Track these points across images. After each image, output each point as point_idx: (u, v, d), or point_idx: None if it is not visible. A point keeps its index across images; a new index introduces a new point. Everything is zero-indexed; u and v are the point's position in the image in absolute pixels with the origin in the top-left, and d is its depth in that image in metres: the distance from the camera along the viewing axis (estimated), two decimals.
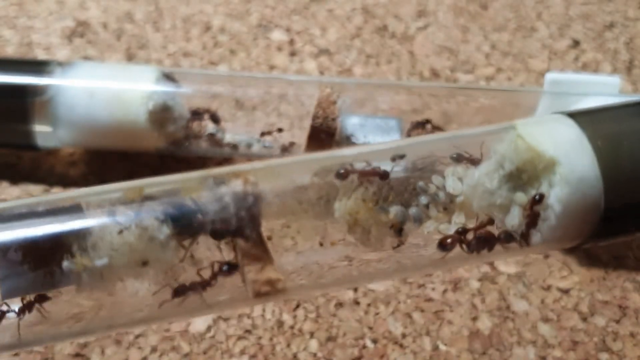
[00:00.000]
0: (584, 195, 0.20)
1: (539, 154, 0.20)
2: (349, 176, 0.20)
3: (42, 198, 0.20)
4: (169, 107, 0.31)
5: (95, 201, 0.19)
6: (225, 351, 0.28)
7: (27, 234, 0.18)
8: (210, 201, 0.19)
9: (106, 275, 0.18)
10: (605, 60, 0.42)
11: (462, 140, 0.22)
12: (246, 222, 0.19)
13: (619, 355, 0.29)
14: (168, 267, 0.19)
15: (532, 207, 0.20)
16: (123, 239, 0.18)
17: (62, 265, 0.18)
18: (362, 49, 0.42)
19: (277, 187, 0.20)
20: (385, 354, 0.28)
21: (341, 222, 0.20)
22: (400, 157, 0.20)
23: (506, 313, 0.30)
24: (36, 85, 0.31)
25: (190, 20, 0.42)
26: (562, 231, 0.20)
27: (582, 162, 0.20)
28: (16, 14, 0.42)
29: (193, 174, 0.20)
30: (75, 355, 0.27)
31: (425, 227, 0.20)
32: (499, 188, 0.20)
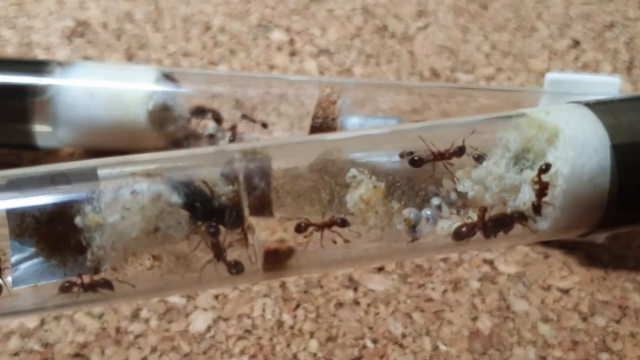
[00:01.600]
0: (590, 159, 0.20)
1: (542, 124, 0.20)
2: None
3: (56, 165, 0.20)
4: (168, 107, 0.31)
5: (109, 170, 0.19)
6: (225, 351, 0.28)
7: (43, 199, 0.18)
8: (219, 165, 0.19)
9: (119, 240, 0.18)
10: (605, 60, 0.42)
11: (467, 128, 0.22)
12: (255, 173, 0.19)
13: (619, 355, 0.29)
14: (179, 239, 0.19)
15: (539, 177, 0.20)
16: (135, 199, 0.18)
17: (75, 221, 0.18)
18: (362, 49, 0.42)
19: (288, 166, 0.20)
20: (385, 354, 0.28)
21: (354, 211, 0.20)
22: (408, 154, 0.20)
23: (506, 313, 0.30)
24: (36, 85, 0.31)
25: (190, 20, 0.42)
26: (573, 200, 0.20)
27: (585, 128, 0.20)
28: (16, 14, 0.42)
29: (206, 149, 0.21)
30: (75, 355, 0.27)
31: (439, 225, 0.20)
32: (507, 171, 0.20)
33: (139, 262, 0.19)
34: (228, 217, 0.19)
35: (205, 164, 0.20)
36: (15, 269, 0.18)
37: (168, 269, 0.19)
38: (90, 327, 0.28)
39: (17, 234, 0.18)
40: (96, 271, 0.19)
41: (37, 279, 0.18)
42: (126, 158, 0.20)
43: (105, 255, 0.18)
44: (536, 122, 0.21)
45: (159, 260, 0.19)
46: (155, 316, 0.29)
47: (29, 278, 0.18)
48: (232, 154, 0.20)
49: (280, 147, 0.21)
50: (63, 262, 0.18)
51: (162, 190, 0.19)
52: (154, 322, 0.28)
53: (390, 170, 0.20)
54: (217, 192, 0.19)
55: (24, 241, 0.18)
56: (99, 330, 0.28)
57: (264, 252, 0.19)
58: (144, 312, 0.29)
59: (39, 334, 0.28)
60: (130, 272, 0.19)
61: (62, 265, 0.18)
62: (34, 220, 0.18)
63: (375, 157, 0.21)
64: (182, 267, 0.19)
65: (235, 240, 0.19)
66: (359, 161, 0.20)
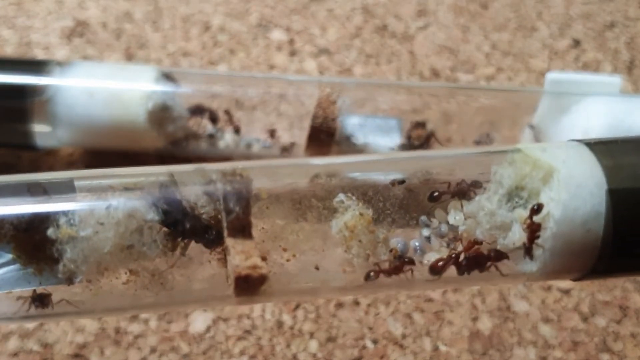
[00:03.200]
0: (585, 202, 0.19)
1: (537, 162, 0.20)
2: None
3: (34, 175, 0.20)
4: (168, 107, 0.31)
5: (88, 182, 0.19)
6: (225, 352, 0.28)
7: (19, 208, 0.18)
8: (199, 184, 0.19)
9: (91, 254, 0.18)
10: (605, 60, 0.42)
11: (462, 160, 0.21)
12: (233, 197, 0.19)
13: (619, 355, 0.28)
14: (153, 257, 0.19)
15: (531, 218, 0.19)
16: (110, 214, 0.18)
17: (47, 233, 0.18)
18: (362, 49, 0.42)
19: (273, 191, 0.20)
20: (385, 354, 0.28)
21: (338, 237, 0.19)
22: (400, 182, 0.20)
23: (506, 313, 0.30)
24: (35, 85, 0.31)
25: (189, 20, 0.42)
26: (564, 244, 0.20)
27: (582, 169, 0.20)
28: (15, 13, 0.42)
29: (185, 166, 0.20)
30: (75, 356, 0.27)
31: (427, 257, 0.20)
32: (499, 208, 0.20)
33: (115, 276, 0.19)
34: (207, 236, 0.19)
35: (186, 182, 0.19)
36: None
37: (143, 285, 0.19)
38: (89, 328, 0.28)
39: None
40: (70, 282, 0.18)
41: (12, 286, 0.18)
42: (106, 171, 0.20)
43: (77, 269, 0.18)
44: (531, 160, 0.20)
45: (135, 274, 0.19)
46: (155, 316, 0.29)
47: (4, 285, 0.18)
48: (211, 174, 0.19)
49: (262, 169, 0.21)
50: (39, 270, 0.18)
51: (139, 207, 0.18)
52: (153, 323, 0.28)
53: (381, 197, 0.20)
54: (198, 210, 0.19)
55: (2, 247, 0.18)
56: (99, 330, 0.28)
57: (234, 278, 0.18)
58: (138, 314, 0.29)
59: (38, 335, 0.28)
60: (105, 286, 0.19)
61: (38, 274, 0.18)
62: (12, 227, 0.18)
63: (365, 182, 0.20)
64: (157, 285, 0.19)
65: (214, 259, 0.19)
66: (349, 186, 0.20)
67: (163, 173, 0.20)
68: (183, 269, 0.19)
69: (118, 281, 0.19)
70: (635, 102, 0.31)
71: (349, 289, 0.21)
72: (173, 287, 0.19)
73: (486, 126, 0.33)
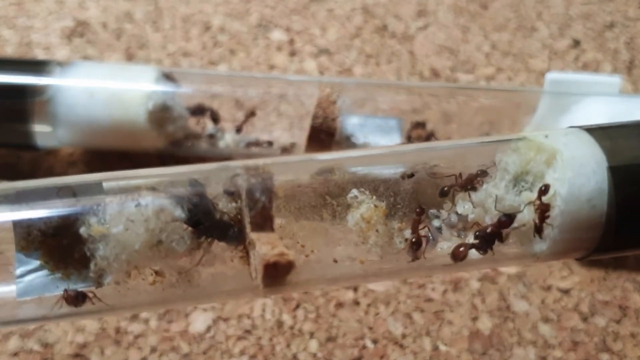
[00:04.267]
0: (588, 180, 0.20)
1: (540, 147, 0.21)
2: (451, 191, 0.21)
3: (62, 178, 0.20)
4: (168, 107, 0.31)
5: (114, 183, 0.20)
6: (225, 351, 0.28)
7: (49, 212, 0.19)
8: (221, 183, 0.20)
9: (122, 251, 0.18)
10: (605, 60, 0.42)
11: (467, 150, 0.22)
12: (258, 189, 0.19)
13: (619, 355, 0.28)
14: (181, 253, 0.19)
15: (540, 199, 0.20)
16: (140, 212, 0.18)
17: (79, 231, 0.18)
18: (362, 49, 0.42)
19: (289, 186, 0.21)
20: (385, 354, 0.28)
21: (355, 230, 0.20)
22: (409, 176, 0.21)
23: (506, 313, 0.30)
24: (36, 85, 0.31)
25: (189, 20, 0.42)
26: (572, 220, 0.20)
27: (582, 150, 0.21)
28: (15, 13, 0.42)
29: (208, 165, 0.21)
30: (75, 356, 0.27)
31: (439, 246, 0.21)
32: (506, 193, 0.21)
33: (142, 277, 0.19)
34: (230, 234, 0.19)
35: (209, 180, 0.20)
36: (19, 281, 0.18)
37: (170, 283, 0.19)
38: (89, 328, 0.28)
39: (23, 246, 0.18)
40: (99, 285, 0.19)
41: (41, 292, 0.19)
42: (132, 172, 0.21)
43: (108, 267, 0.19)
44: (535, 145, 0.21)
45: (161, 276, 0.19)
46: (155, 316, 0.29)
47: (33, 290, 0.19)
48: (235, 169, 0.20)
49: (283, 165, 0.21)
50: (67, 275, 0.19)
51: (166, 205, 0.19)
52: (153, 323, 0.28)
53: (391, 192, 0.21)
54: (220, 208, 0.19)
55: (29, 254, 0.18)
56: (99, 330, 0.28)
57: (263, 265, 0.19)
58: (144, 313, 0.29)
59: (39, 334, 0.28)
60: (132, 286, 0.19)
61: (65, 278, 0.19)
62: (39, 234, 0.18)
63: (376, 177, 0.21)
64: (184, 282, 0.19)
65: (236, 257, 0.20)
66: (361, 181, 0.21)
67: (186, 173, 0.20)
68: (209, 266, 0.19)
69: (145, 282, 0.19)
70: (634, 102, 0.31)
71: (370, 276, 0.21)
72: (199, 284, 0.20)
73: (486, 126, 0.33)
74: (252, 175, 0.20)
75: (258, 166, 0.20)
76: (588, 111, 0.31)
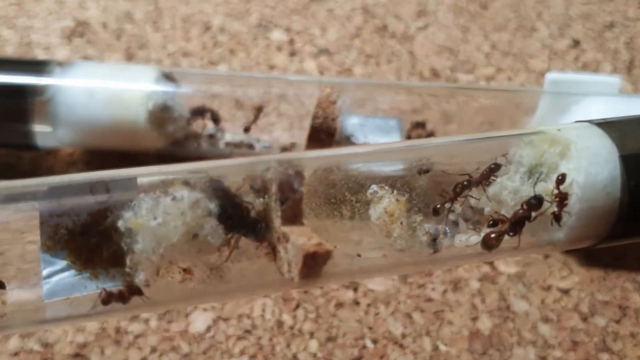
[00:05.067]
0: (602, 168, 0.21)
1: (554, 139, 0.22)
2: (465, 189, 0.21)
3: (94, 174, 0.20)
4: (168, 107, 0.31)
5: (146, 178, 0.20)
6: (225, 351, 0.28)
7: (80, 208, 0.18)
8: (249, 179, 0.20)
9: (160, 244, 0.18)
10: (605, 60, 0.42)
11: (482, 144, 0.23)
12: (290, 183, 0.20)
13: (619, 355, 0.28)
14: (215, 247, 0.19)
15: (558, 188, 0.21)
16: (176, 205, 0.19)
17: (117, 225, 0.18)
18: (362, 49, 0.42)
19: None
20: (385, 354, 0.28)
21: (378, 224, 0.21)
22: (425, 171, 0.21)
23: (506, 313, 0.30)
24: (36, 85, 0.31)
25: (189, 20, 0.42)
26: (589, 208, 0.21)
27: (594, 140, 0.22)
28: (16, 13, 0.42)
29: (237, 160, 0.21)
30: (75, 356, 0.27)
31: (457, 238, 0.21)
32: (522, 184, 0.21)
33: (170, 276, 0.19)
34: (258, 229, 0.19)
35: (236, 175, 0.20)
36: (46, 282, 0.18)
37: (201, 280, 0.19)
38: (90, 327, 0.28)
39: (49, 246, 0.18)
40: (130, 283, 0.19)
41: (69, 292, 0.18)
42: (163, 168, 0.21)
43: (146, 261, 0.18)
44: (548, 137, 0.22)
45: (189, 273, 0.19)
46: (155, 316, 0.29)
47: (61, 291, 0.18)
48: (269, 163, 0.20)
49: (314, 160, 0.22)
50: (95, 275, 0.18)
51: (201, 199, 0.19)
52: (153, 322, 0.28)
53: (407, 187, 0.21)
54: (247, 204, 0.19)
55: (55, 254, 0.18)
56: (99, 330, 0.28)
57: (303, 256, 0.19)
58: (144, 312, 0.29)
59: (39, 334, 0.28)
60: (161, 285, 0.19)
61: (94, 278, 0.18)
62: (67, 232, 0.18)
63: (393, 173, 0.21)
64: (216, 278, 0.20)
65: (263, 254, 0.20)
66: (379, 177, 0.21)
67: (215, 168, 0.20)
68: (237, 262, 0.20)
69: (174, 280, 0.19)
70: (634, 102, 0.31)
71: (393, 268, 0.22)
72: (230, 280, 0.20)
73: (486, 126, 0.33)
74: (284, 168, 0.20)
75: (290, 160, 0.20)
76: (588, 111, 0.31)
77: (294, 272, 0.19)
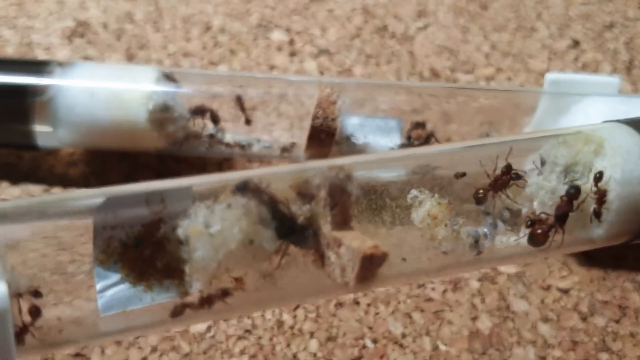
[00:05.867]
0: (637, 165, 0.22)
1: (588, 138, 0.22)
2: (487, 196, 0.22)
3: (148, 184, 0.20)
4: (169, 107, 0.31)
5: (201, 187, 0.20)
6: (225, 351, 0.28)
7: (137, 215, 0.18)
8: (294, 187, 0.20)
9: (219, 250, 0.18)
10: (605, 61, 0.42)
11: (515, 146, 0.23)
12: (341, 188, 0.20)
13: (618, 355, 0.29)
14: (270, 252, 0.19)
15: (597, 185, 0.21)
16: (232, 212, 0.19)
17: (177, 232, 0.18)
18: (362, 49, 0.42)
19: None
20: (385, 354, 0.28)
21: (421, 227, 0.21)
22: (461, 175, 0.22)
23: (506, 313, 0.30)
24: (36, 86, 0.31)
25: (190, 21, 0.42)
26: (627, 203, 0.22)
27: (625, 138, 0.22)
28: (16, 14, 0.42)
29: (285, 167, 0.21)
30: (76, 355, 0.27)
31: (497, 240, 0.22)
32: (558, 184, 0.22)
33: (221, 285, 0.19)
34: (306, 236, 0.20)
35: (282, 182, 0.20)
36: (100, 296, 0.18)
37: (255, 288, 0.19)
38: None
39: (101, 260, 0.18)
40: (185, 294, 0.19)
41: (125, 306, 0.18)
42: (215, 176, 0.21)
43: (205, 268, 0.18)
44: (582, 137, 0.22)
45: (240, 282, 0.19)
46: None
47: (116, 305, 0.18)
48: (317, 169, 0.20)
49: (359, 165, 0.22)
50: (149, 287, 0.18)
51: (253, 205, 0.19)
52: None
53: (444, 191, 0.21)
54: (294, 211, 0.20)
55: (108, 267, 0.18)
56: None
57: (360, 258, 0.19)
58: None
59: None
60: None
61: (148, 290, 0.18)
62: (119, 245, 0.18)
63: (431, 177, 0.22)
64: (270, 285, 0.20)
65: (310, 261, 0.20)
66: (418, 182, 0.21)
67: (264, 175, 0.20)
68: (290, 269, 0.20)
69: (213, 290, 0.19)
70: (634, 103, 0.31)
71: (440, 270, 0.23)
72: (283, 287, 0.20)
73: (486, 126, 0.33)
74: (335, 173, 0.20)
75: (342, 165, 0.20)
76: (587, 111, 0.31)
77: (349, 276, 0.19)
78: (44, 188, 0.33)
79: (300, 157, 0.33)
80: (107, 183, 0.34)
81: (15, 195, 0.33)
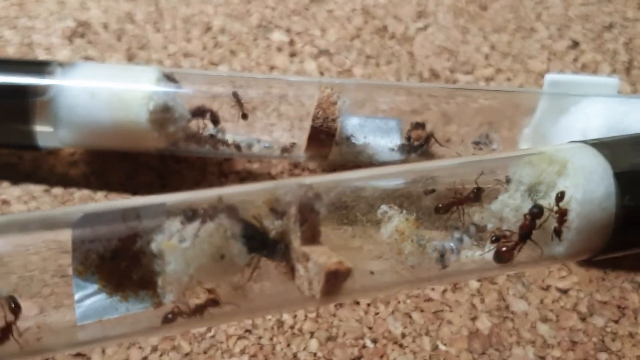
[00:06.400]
0: (598, 185, 0.22)
1: (552, 158, 0.23)
2: (449, 209, 0.22)
3: (123, 202, 0.21)
4: (169, 107, 0.32)
5: (175, 203, 0.21)
6: (226, 351, 0.28)
7: (112, 235, 0.19)
8: (267, 202, 0.21)
9: (187, 267, 0.19)
10: (604, 61, 0.42)
11: (484, 165, 0.24)
12: (309, 206, 0.21)
13: (617, 355, 0.29)
14: (241, 267, 0.20)
15: (558, 204, 0.22)
16: (204, 228, 0.19)
17: (151, 247, 0.19)
18: (362, 50, 0.42)
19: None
20: (385, 354, 0.28)
21: (389, 242, 0.22)
22: (430, 192, 0.22)
23: (505, 313, 0.30)
24: (37, 86, 0.31)
25: (190, 21, 0.42)
26: (587, 223, 0.22)
27: (589, 159, 0.23)
28: (17, 14, 0.42)
29: (261, 184, 0.22)
30: (76, 355, 0.27)
31: (462, 254, 0.22)
32: (522, 202, 0.22)
33: (196, 297, 0.20)
34: (277, 250, 0.20)
35: (255, 199, 0.21)
36: (78, 305, 0.19)
37: (226, 300, 0.20)
38: None
39: (80, 271, 0.19)
40: (158, 305, 0.20)
41: (101, 315, 0.19)
42: (189, 194, 0.22)
43: (177, 281, 0.19)
44: (546, 157, 0.23)
45: (213, 293, 0.20)
46: None
47: (93, 314, 0.19)
48: (288, 187, 0.21)
49: (329, 183, 0.22)
50: (125, 297, 0.19)
51: (226, 222, 0.20)
52: None
53: (414, 207, 0.22)
54: (267, 226, 0.20)
55: (87, 278, 0.19)
56: None
57: (325, 273, 0.20)
58: None
59: None
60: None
61: (124, 301, 0.19)
62: (97, 257, 0.19)
63: (400, 194, 0.23)
64: (240, 297, 0.20)
65: (282, 273, 0.21)
66: (387, 197, 0.22)
67: (234, 194, 0.21)
68: (262, 281, 0.21)
69: (199, 300, 0.20)
70: (633, 103, 0.32)
71: (405, 284, 0.23)
72: (254, 299, 0.21)
73: (485, 127, 0.33)
74: (304, 192, 0.21)
75: (311, 184, 0.21)
76: (587, 112, 0.31)
77: (315, 289, 0.20)
78: (45, 188, 0.33)
79: (300, 158, 0.33)
80: (107, 183, 0.34)
81: (16, 195, 0.33)
